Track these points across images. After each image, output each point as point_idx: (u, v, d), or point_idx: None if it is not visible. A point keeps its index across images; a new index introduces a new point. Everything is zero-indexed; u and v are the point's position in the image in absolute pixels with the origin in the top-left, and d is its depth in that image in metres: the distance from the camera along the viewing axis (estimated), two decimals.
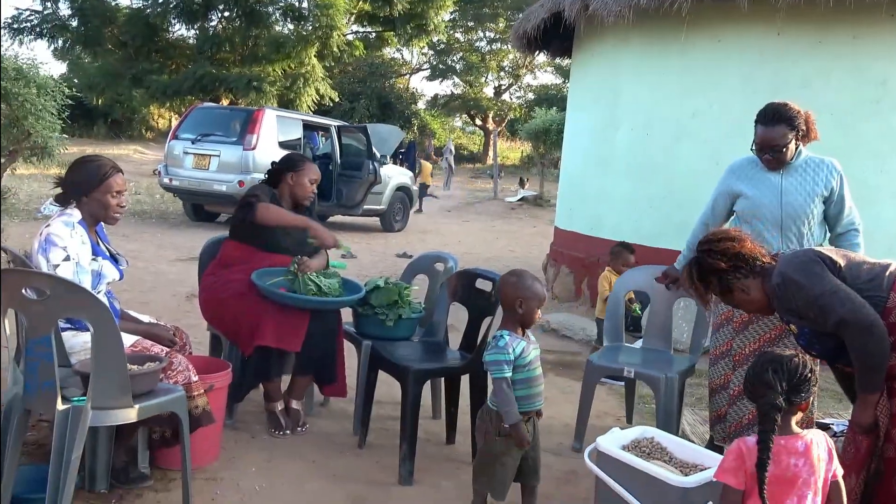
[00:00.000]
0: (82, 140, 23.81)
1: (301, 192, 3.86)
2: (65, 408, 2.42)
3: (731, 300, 2.68)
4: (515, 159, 34.50)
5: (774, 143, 3.28)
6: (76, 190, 2.93)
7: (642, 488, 2.62)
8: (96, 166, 2.94)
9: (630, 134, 6.60)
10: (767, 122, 3.30)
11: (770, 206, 3.35)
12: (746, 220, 3.40)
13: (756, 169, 3.44)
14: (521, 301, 2.80)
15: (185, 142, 11.35)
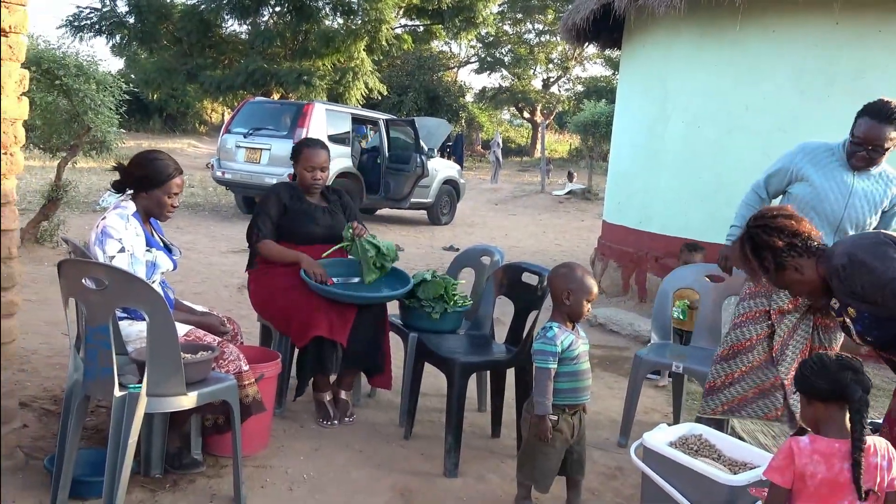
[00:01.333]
0: (138, 134, 24.46)
1: (302, 183, 3.89)
2: (122, 394, 2.51)
3: (782, 280, 2.57)
4: (563, 152, 34.22)
5: (879, 142, 3.12)
6: (137, 184, 3.02)
7: (689, 485, 2.59)
8: (162, 165, 3.02)
9: (680, 127, 6.50)
10: (881, 118, 3.10)
11: (834, 202, 3.25)
12: (801, 207, 3.22)
13: (831, 159, 3.30)
14: (569, 293, 2.82)
15: (237, 136, 11.57)
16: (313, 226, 3.79)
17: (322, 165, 3.86)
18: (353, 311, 3.59)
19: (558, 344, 2.78)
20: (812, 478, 2.02)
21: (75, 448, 2.62)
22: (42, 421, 3.34)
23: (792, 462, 2.04)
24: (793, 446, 2.07)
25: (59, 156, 7.45)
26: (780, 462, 2.08)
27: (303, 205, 3.84)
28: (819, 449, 2.04)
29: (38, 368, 4.00)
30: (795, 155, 3.40)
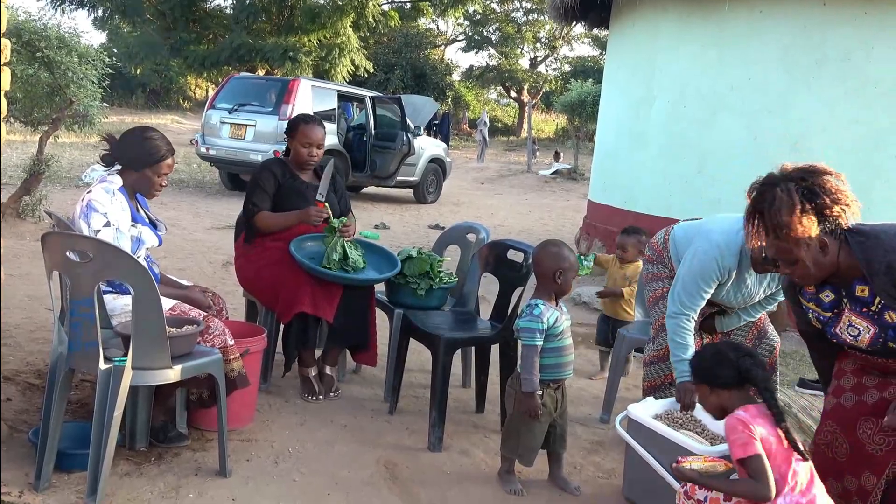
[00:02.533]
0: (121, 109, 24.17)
1: (297, 158, 3.85)
2: (107, 367, 2.51)
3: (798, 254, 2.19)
4: (550, 132, 34.21)
5: None
6: (127, 161, 2.99)
7: (669, 456, 2.63)
8: (154, 145, 2.99)
9: (666, 107, 6.52)
10: None
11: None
12: None
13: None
14: (560, 272, 2.86)
15: (221, 111, 11.46)
16: (304, 203, 3.76)
17: (319, 143, 3.82)
18: (340, 287, 3.60)
19: (544, 321, 2.82)
20: (766, 440, 2.10)
21: (60, 421, 2.62)
22: (25, 395, 3.33)
23: (751, 430, 2.09)
24: (740, 418, 2.12)
25: (40, 129, 7.35)
26: (742, 436, 2.10)
27: (295, 182, 3.82)
28: (755, 413, 2.14)
29: (20, 343, 3.98)
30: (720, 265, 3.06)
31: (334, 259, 3.59)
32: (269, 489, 2.78)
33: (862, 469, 2.32)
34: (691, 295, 3.05)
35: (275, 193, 3.78)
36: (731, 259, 2.99)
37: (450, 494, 2.89)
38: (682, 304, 3.07)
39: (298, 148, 3.81)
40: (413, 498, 2.85)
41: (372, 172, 12.08)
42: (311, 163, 3.85)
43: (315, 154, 3.83)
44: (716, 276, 3.02)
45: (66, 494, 2.58)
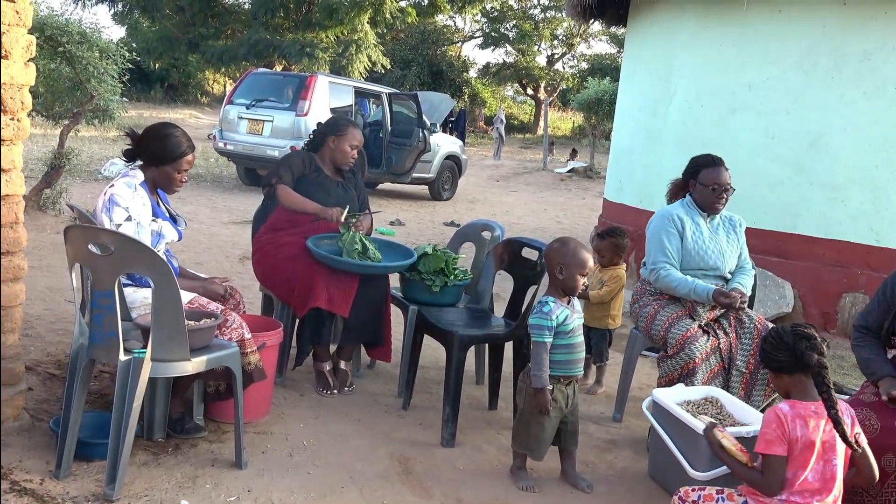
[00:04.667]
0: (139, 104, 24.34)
1: (341, 158, 3.92)
2: (126, 358, 2.55)
3: None
4: (567, 130, 34.10)
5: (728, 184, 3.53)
6: (148, 157, 3.04)
7: (682, 438, 2.84)
8: (175, 142, 3.04)
9: (683, 105, 6.49)
10: (719, 164, 3.55)
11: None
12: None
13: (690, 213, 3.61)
14: (562, 267, 2.87)
15: (239, 107, 11.53)
16: (325, 196, 3.81)
17: (359, 147, 3.97)
18: (356, 283, 3.62)
19: (553, 318, 2.84)
20: (797, 441, 2.17)
21: (80, 410, 2.67)
22: (46, 385, 3.39)
23: (784, 430, 2.15)
24: (779, 414, 2.20)
25: (61, 123, 7.45)
26: (773, 433, 2.18)
27: (319, 176, 3.87)
28: (798, 412, 2.19)
29: (41, 334, 4.05)
30: (668, 216, 3.57)
31: (355, 249, 3.63)
32: (284, 481, 2.82)
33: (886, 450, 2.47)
34: (660, 250, 3.50)
35: (298, 180, 3.83)
36: (676, 210, 3.57)
37: (462, 490, 2.91)
38: (655, 260, 3.52)
39: (346, 148, 3.91)
40: (426, 492, 2.87)
41: (388, 169, 12.10)
42: (349, 164, 3.98)
43: (355, 157, 3.97)
44: (670, 226, 3.51)
45: (85, 482, 2.63)
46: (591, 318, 4.11)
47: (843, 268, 5.53)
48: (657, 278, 3.49)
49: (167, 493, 2.63)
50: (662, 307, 3.48)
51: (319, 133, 3.98)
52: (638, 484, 3.13)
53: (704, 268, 3.52)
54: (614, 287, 4.13)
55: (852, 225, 5.54)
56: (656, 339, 3.49)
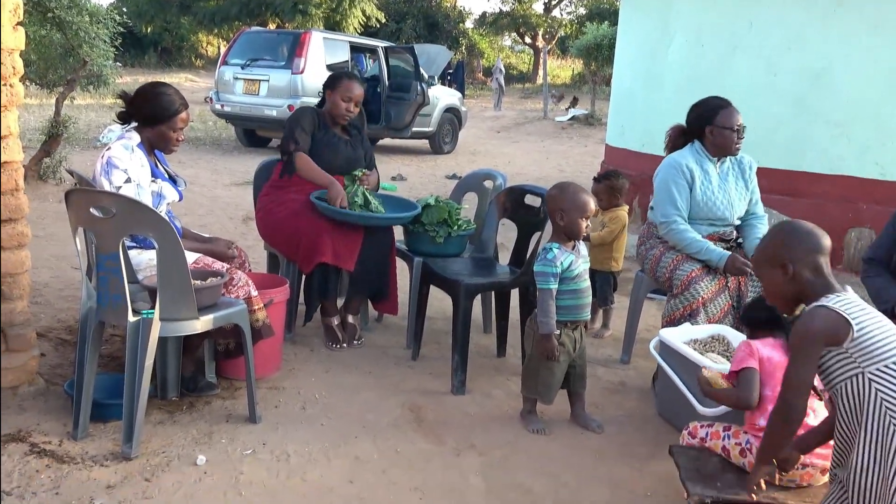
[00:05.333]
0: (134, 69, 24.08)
1: (335, 111, 3.87)
2: (135, 319, 2.57)
3: None
4: (566, 78, 33.66)
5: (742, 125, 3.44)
6: (142, 118, 3.02)
7: (691, 376, 2.83)
8: (167, 100, 3.01)
9: (683, 46, 6.39)
10: (731, 105, 3.45)
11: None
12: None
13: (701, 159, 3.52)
14: (562, 213, 2.87)
15: (234, 67, 11.41)
16: (334, 157, 3.79)
17: (357, 100, 3.87)
18: (360, 237, 3.63)
19: (558, 265, 2.85)
20: (770, 361, 2.33)
21: (93, 372, 2.70)
22: (58, 350, 3.43)
23: (752, 351, 2.35)
24: (749, 342, 2.41)
25: (56, 91, 7.38)
26: (742, 354, 2.38)
27: (326, 134, 3.84)
28: (769, 342, 2.39)
29: (50, 301, 4.08)
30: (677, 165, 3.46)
31: (357, 203, 3.62)
32: (298, 434, 2.86)
33: None
34: (671, 202, 3.41)
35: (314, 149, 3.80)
36: (684, 159, 3.44)
37: (474, 435, 2.95)
38: (666, 213, 3.43)
39: (338, 101, 3.83)
40: (438, 439, 2.91)
41: (387, 124, 12.01)
42: (348, 117, 3.89)
43: (352, 110, 3.88)
44: (679, 176, 3.41)
45: (103, 442, 2.67)
46: (594, 261, 4.10)
47: (849, 203, 5.50)
48: (668, 232, 3.43)
49: (184, 448, 2.68)
50: (668, 249, 3.48)
51: (322, 89, 3.94)
52: (647, 423, 3.17)
53: (712, 218, 3.47)
54: (615, 228, 4.12)
55: (857, 160, 5.49)
56: (661, 280, 3.49)
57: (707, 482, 2.20)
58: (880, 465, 1.77)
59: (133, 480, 2.45)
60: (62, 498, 2.33)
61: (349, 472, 2.62)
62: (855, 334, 1.79)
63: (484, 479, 2.65)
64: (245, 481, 2.51)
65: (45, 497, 2.33)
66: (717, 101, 3.45)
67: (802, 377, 1.87)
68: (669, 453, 2.39)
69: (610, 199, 4.21)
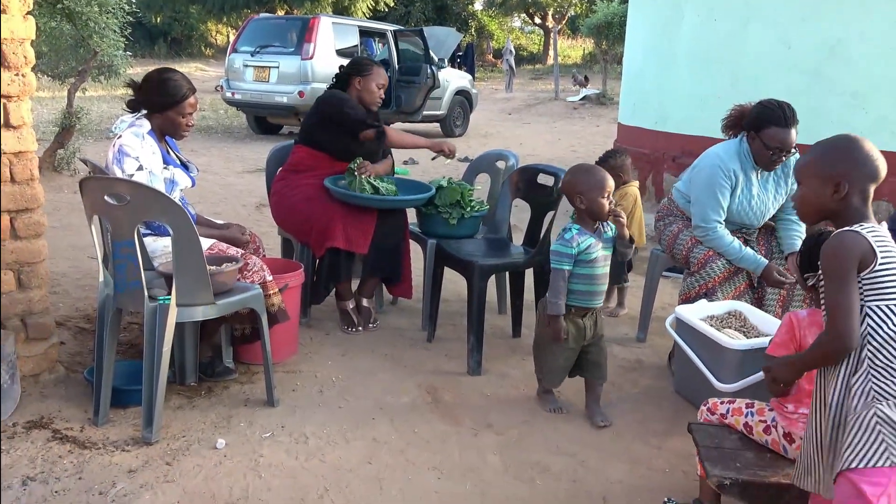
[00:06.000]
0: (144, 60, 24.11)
1: (368, 98, 3.87)
2: (152, 305, 2.59)
3: None
4: (577, 58, 33.39)
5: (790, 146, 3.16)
6: (151, 105, 3.02)
7: (708, 353, 2.86)
8: (174, 86, 3.00)
9: (695, 21, 6.31)
10: (786, 125, 3.12)
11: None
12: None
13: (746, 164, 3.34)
14: (581, 196, 2.77)
15: (244, 55, 11.40)
16: (357, 143, 3.79)
17: (385, 86, 3.94)
18: (373, 220, 3.63)
19: (574, 246, 2.76)
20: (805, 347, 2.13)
21: (112, 358, 2.73)
22: (77, 338, 3.46)
23: (794, 336, 2.17)
24: (792, 319, 2.19)
25: (67, 82, 7.40)
26: (783, 337, 2.21)
27: None
28: (817, 321, 2.14)
29: (68, 290, 4.11)
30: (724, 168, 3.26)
31: (364, 190, 3.62)
32: (316, 416, 2.88)
33: None
34: (712, 207, 3.26)
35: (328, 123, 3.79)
36: (732, 162, 3.25)
37: (491, 415, 2.96)
38: (706, 218, 3.28)
39: (373, 88, 3.87)
40: (455, 420, 2.92)
41: (398, 108, 11.97)
42: (378, 104, 3.94)
43: (382, 96, 3.94)
44: (724, 180, 3.23)
45: (123, 428, 2.70)
46: None
47: None
48: (705, 235, 3.29)
49: (204, 432, 2.70)
50: (686, 227, 3.44)
51: (343, 75, 3.92)
52: (664, 400, 3.16)
53: (739, 224, 3.35)
54: (627, 204, 4.11)
55: (873, 132, 5.39)
56: (678, 258, 3.47)
57: (726, 462, 2.18)
58: (839, 404, 1.75)
59: (154, 464, 2.48)
60: (85, 483, 2.35)
61: (367, 454, 2.63)
62: (876, 266, 1.72)
63: (501, 458, 2.66)
64: (265, 464, 2.53)
65: (68, 482, 2.36)
66: (777, 114, 3.12)
67: (848, 300, 1.72)
68: (688, 430, 2.37)
69: (615, 179, 4.18)
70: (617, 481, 2.55)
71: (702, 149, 5.26)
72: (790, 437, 2.20)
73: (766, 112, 3.15)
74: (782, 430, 2.22)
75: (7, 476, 2.37)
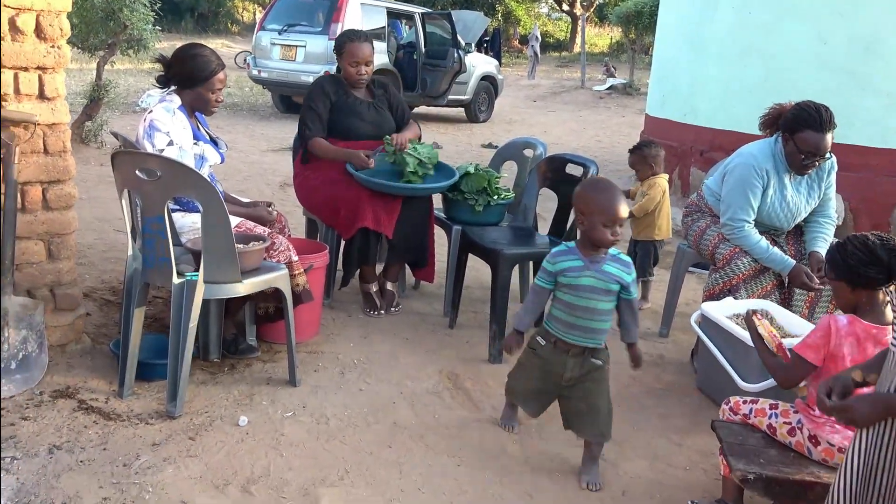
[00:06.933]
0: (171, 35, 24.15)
1: (347, 78, 3.79)
2: (180, 281, 2.60)
3: None
4: (604, 46, 33.06)
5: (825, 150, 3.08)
6: (181, 80, 3.02)
7: (733, 351, 2.84)
8: (204, 62, 3.00)
9: (729, 13, 6.22)
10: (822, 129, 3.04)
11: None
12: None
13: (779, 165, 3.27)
14: (583, 215, 2.37)
15: (271, 33, 11.39)
16: (358, 121, 3.76)
17: (366, 60, 3.74)
18: (399, 203, 3.62)
19: (555, 264, 2.41)
20: (843, 359, 2.09)
21: (139, 332, 2.75)
22: (103, 310, 3.49)
23: (828, 342, 2.10)
24: (831, 325, 2.12)
25: (97, 55, 7.44)
26: (816, 340, 2.15)
27: (348, 99, 3.79)
28: (856, 332, 2.10)
29: (94, 262, 4.15)
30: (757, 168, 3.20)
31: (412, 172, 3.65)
32: (337, 398, 2.89)
33: None
34: (741, 206, 3.20)
35: (329, 111, 3.77)
36: (765, 161, 3.19)
37: None
38: (735, 217, 3.23)
39: (347, 67, 3.76)
40: (476, 407, 2.92)
41: (423, 92, 11.93)
42: (361, 81, 3.80)
43: (364, 72, 3.76)
44: (756, 180, 3.17)
45: (147, 401, 2.73)
46: (637, 231, 4.20)
47: None
48: (733, 233, 3.23)
49: (226, 409, 2.72)
50: (714, 223, 3.41)
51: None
52: (685, 397, 3.14)
53: (768, 226, 3.29)
54: (655, 195, 4.06)
55: None
56: (704, 253, 3.44)
57: (750, 458, 2.17)
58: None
59: (177, 439, 2.50)
60: (109, 454, 2.38)
61: (388, 437, 2.64)
62: None
63: (521, 447, 2.66)
64: (286, 443, 2.54)
65: (93, 452, 2.38)
66: (812, 118, 3.03)
67: None
68: (711, 428, 2.35)
69: (646, 169, 4.15)
70: (636, 476, 2.54)
71: (730, 143, 5.23)
72: (815, 440, 2.18)
73: (801, 115, 3.07)
74: (808, 433, 2.20)
75: (34, 443, 2.40)
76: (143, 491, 2.22)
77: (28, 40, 2.70)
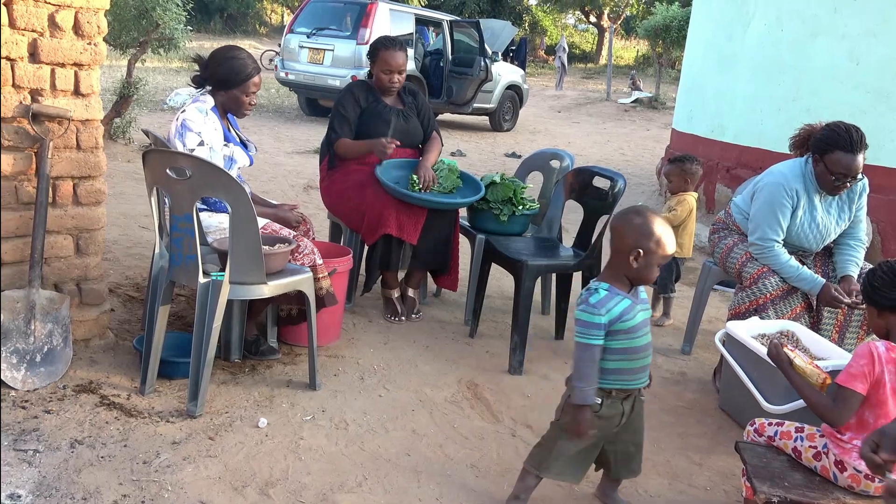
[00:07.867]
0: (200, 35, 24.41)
1: (378, 85, 3.81)
2: (206, 281, 2.61)
3: None
4: (630, 59, 32.99)
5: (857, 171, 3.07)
6: (216, 82, 3.05)
7: (758, 372, 2.79)
8: (240, 65, 3.03)
9: (761, 29, 6.17)
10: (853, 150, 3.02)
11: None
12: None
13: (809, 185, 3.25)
14: (641, 253, 2.09)
15: (300, 35, 11.47)
16: (387, 128, 3.76)
17: (400, 68, 3.73)
18: (425, 213, 3.62)
19: (604, 313, 2.08)
20: (884, 385, 2.06)
21: (163, 330, 2.76)
22: (126, 306, 3.52)
23: (873, 369, 2.06)
24: (873, 352, 2.08)
25: (128, 53, 7.52)
26: (861, 368, 2.09)
27: (378, 106, 3.79)
28: (893, 358, 2.07)
29: (118, 258, 4.18)
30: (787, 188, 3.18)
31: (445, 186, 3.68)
32: (357, 403, 2.88)
33: None
34: (770, 225, 3.18)
35: (359, 116, 3.78)
36: (795, 181, 3.16)
37: (531, 416, 2.93)
38: (764, 237, 3.20)
39: (379, 74, 3.77)
40: (495, 417, 2.91)
41: (448, 99, 11.95)
42: (393, 89, 3.80)
43: (396, 80, 3.76)
44: (786, 200, 3.15)
45: (169, 399, 2.74)
46: None
47: None
48: (762, 252, 3.20)
49: (246, 410, 2.72)
50: (742, 241, 3.37)
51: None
52: (707, 416, 3.11)
53: (797, 246, 3.26)
54: (682, 211, 4.02)
55: None
56: (731, 271, 3.40)
57: (775, 481, 2.14)
58: None
59: (197, 438, 2.50)
60: (130, 451, 2.39)
61: (406, 445, 2.63)
62: None
63: None
64: (305, 446, 2.54)
65: (113, 448, 2.39)
66: (843, 138, 3.00)
67: None
68: (735, 449, 2.32)
69: (680, 184, 4.10)
70: (656, 495, 2.51)
71: (757, 161, 5.18)
72: (842, 466, 2.15)
73: (832, 135, 3.04)
74: (834, 458, 2.16)
75: (56, 437, 2.42)
76: (162, 489, 2.22)
77: (66, 37, 2.74)
